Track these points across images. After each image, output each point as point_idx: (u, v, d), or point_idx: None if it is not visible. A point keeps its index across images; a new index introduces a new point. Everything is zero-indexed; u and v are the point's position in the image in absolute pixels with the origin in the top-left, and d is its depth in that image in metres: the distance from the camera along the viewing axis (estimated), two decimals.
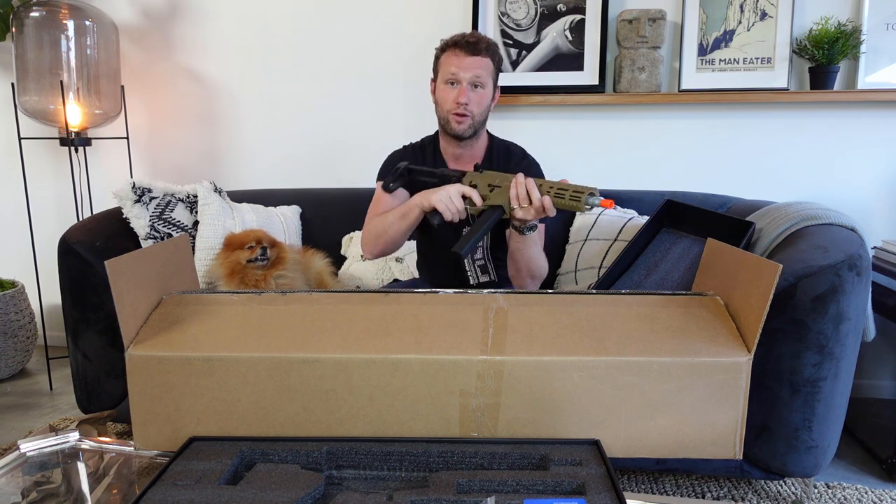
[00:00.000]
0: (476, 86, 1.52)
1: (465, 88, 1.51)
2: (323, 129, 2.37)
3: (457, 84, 1.52)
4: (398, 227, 1.50)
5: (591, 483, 0.90)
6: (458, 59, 1.51)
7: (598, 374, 1.02)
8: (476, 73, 1.50)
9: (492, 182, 1.39)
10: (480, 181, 1.42)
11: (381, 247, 1.56)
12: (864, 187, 2.06)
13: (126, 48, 2.41)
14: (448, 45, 1.54)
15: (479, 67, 1.51)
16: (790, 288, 1.25)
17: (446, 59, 1.54)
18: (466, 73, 1.50)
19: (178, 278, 1.24)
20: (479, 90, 1.53)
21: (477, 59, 1.50)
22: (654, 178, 2.17)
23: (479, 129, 1.59)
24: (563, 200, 1.26)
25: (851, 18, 1.98)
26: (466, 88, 1.51)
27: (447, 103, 1.53)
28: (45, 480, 1.10)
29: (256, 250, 1.68)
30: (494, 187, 1.38)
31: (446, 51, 1.54)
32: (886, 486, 1.55)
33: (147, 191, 1.86)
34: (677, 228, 1.70)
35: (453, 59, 1.51)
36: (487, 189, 1.39)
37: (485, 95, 1.54)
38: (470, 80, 1.51)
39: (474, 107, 1.52)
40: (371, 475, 1.00)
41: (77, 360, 1.64)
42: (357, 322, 1.10)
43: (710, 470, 1.47)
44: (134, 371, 1.06)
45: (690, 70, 2.07)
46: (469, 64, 1.50)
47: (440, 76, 1.56)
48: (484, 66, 1.52)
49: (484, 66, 1.52)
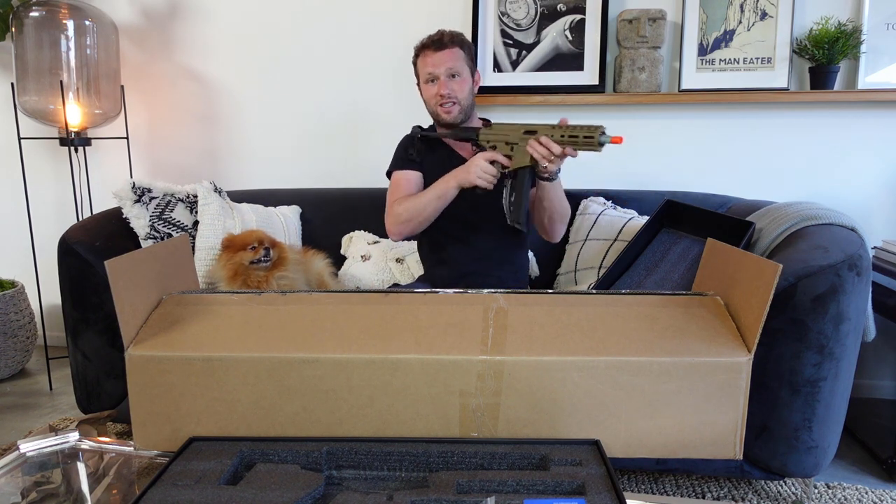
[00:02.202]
0: (453, 75, 1.63)
1: (443, 81, 1.63)
2: (323, 129, 2.37)
3: (435, 80, 1.64)
4: (435, 207, 1.58)
5: (591, 483, 0.90)
6: (430, 57, 1.63)
7: (598, 374, 1.02)
8: (449, 66, 1.62)
9: (507, 139, 1.50)
10: (496, 138, 1.52)
11: (415, 227, 1.63)
12: (864, 187, 2.06)
13: (126, 48, 2.41)
14: (418, 49, 1.68)
15: (450, 59, 1.62)
16: (790, 288, 1.25)
17: (421, 62, 1.67)
18: (440, 67, 1.62)
19: (178, 278, 1.24)
20: (457, 78, 1.64)
21: (446, 53, 1.62)
22: (654, 178, 2.17)
23: (470, 113, 1.69)
24: (578, 142, 1.35)
25: (851, 18, 1.98)
26: (445, 80, 1.63)
27: (432, 99, 1.66)
28: (45, 480, 1.10)
29: (260, 251, 1.68)
30: (513, 145, 1.48)
31: (419, 55, 1.68)
32: (886, 486, 1.55)
33: (147, 191, 1.86)
34: (677, 228, 1.70)
35: (427, 60, 1.64)
36: (507, 148, 1.49)
37: (464, 81, 1.65)
38: (445, 72, 1.62)
39: (457, 93, 1.63)
40: (371, 475, 1.00)
41: (77, 360, 1.64)
42: (357, 322, 1.10)
43: (710, 470, 1.47)
44: (134, 371, 1.06)
45: (690, 70, 2.06)
46: (440, 59, 1.62)
47: (420, 78, 1.70)
48: (454, 56, 1.63)
49: (454, 57, 1.63)
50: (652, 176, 2.17)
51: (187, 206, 1.92)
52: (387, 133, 2.28)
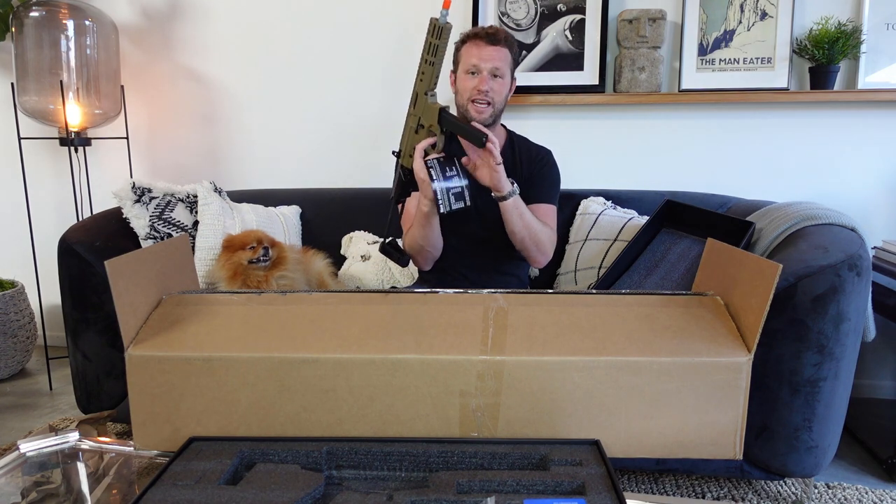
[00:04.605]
0: (496, 75, 1.56)
1: (485, 77, 1.55)
2: (323, 128, 2.37)
3: (477, 73, 1.56)
4: (424, 234, 1.55)
5: (591, 483, 0.90)
6: (479, 49, 1.56)
7: (598, 374, 1.02)
8: (495, 64, 1.55)
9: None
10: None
11: (428, 257, 1.61)
12: (864, 187, 2.06)
13: (126, 48, 2.41)
14: (469, 36, 1.59)
15: (499, 58, 1.55)
16: (790, 288, 1.25)
17: (466, 50, 1.59)
18: (486, 63, 1.55)
19: (178, 278, 1.24)
20: (499, 80, 1.57)
21: (496, 50, 1.55)
22: (654, 178, 2.17)
23: (499, 118, 1.64)
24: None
25: (851, 18, 1.98)
26: (487, 77, 1.55)
27: (467, 91, 1.57)
28: (45, 480, 1.10)
29: (258, 250, 1.68)
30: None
31: (467, 42, 1.59)
32: (886, 486, 1.55)
33: (147, 191, 1.86)
34: (677, 228, 1.70)
35: (473, 50, 1.56)
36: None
37: (504, 84, 1.59)
38: (490, 69, 1.55)
39: (495, 95, 1.57)
40: (371, 475, 1.00)
41: (77, 360, 1.64)
42: (357, 322, 1.10)
43: (710, 470, 1.47)
44: (134, 371, 1.06)
45: (690, 70, 2.07)
46: (489, 54, 1.55)
47: (461, 66, 1.60)
48: (503, 56, 1.56)
49: (503, 57, 1.56)
50: (652, 176, 2.17)
51: (187, 206, 1.92)
52: (387, 133, 2.28)
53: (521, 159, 1.70)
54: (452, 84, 1.65)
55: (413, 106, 1.48)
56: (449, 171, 1.43)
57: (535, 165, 1.69)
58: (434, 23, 1.35)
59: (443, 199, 1.42)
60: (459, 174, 1.43)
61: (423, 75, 1.41)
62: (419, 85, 1.44)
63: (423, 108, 1.45)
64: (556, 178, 1.71)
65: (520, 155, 1.70)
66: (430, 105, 1.43)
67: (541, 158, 1.71)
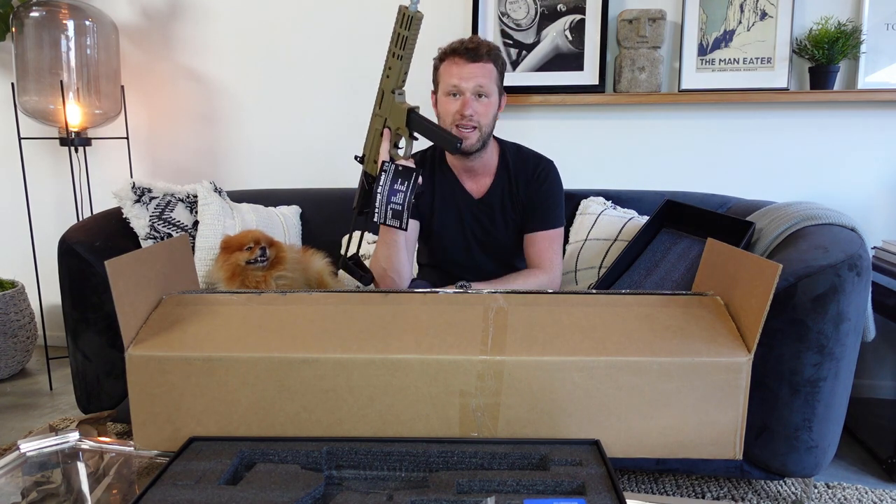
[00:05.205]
0: (480, 95, 1.43)
1: (468, 99, 1.42)
2: (323, 128, 2.37)
3: (459, 95, 1.43)
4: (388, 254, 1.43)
5: (591, 483, 0.90)
6: (459, 67, 1.42)
7: (598, 374, 1.02)
8: (479, 82, 1.42)
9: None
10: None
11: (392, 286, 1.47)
12: (864, 187, 2.06)
13: (126, 48, 2.41)
14: (446, 53, 1.45)
15: (482, 75, 1.42)
16: (790, 288, 1.25)
17: (446, 69, 1.45)
18: (468, 82, 1.41)
19: (178, 278, 1.24)
20: (484, 99, 1.44)
21: (479, 66, 1.41)
22: (654, 178, 2.17)
23: (488, 141, 1.51)
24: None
25: (851, 18, 1.98)
26: (470, 99, 1.42)
27: (450, 115, 1.44)
28: (45, 480, 1.10)
29: (256, 251, 1.68)
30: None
31: (445, 60, 1.45)
32: (886, 486, 1.55)
33: (147, 191, 1.86)
34: (677, 228, 1.70)
35: (454, 69, 1.42)
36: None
37: (490, 104, 1.45)
38: (473, 89, 1.42)
39: (481, 117, 1.44)
40: (371, 475, 1.00)
41: (77, 360, 1.64)
42: (357, 322, 1.10)
43: (710, 470, 1.47)
44: (134, 371, 1.06)
45: (690, 70, 2.07)
46: (471, 72, 1.41)
47: (441, 87, 1.47)
48: (487, 72, 1.43)
49: (487, 73, 1.43)
50: (652, 176, 2.17)
51: (187, 206, 1.92)
52: None
53: (517, 182, 1.58)
54: (434, 106, 1.51)
55: (378, 105, 1.32)
56: (399, 183, 1.28)
57: (534, 185, 1.56)
58: (403, 11, 1.19)
59: (380, 209, 1.29)
60: (408, 191, 1.27)
61: (391, 70, 1.26)
62: (385, 82, 1.28)
63: (390, 107, 1.30)
64: (558, 195, 1.59)
65: (516, 176, 1.58)
66: (397, 104, 1.28)
67: (539, 175, 1.57)
